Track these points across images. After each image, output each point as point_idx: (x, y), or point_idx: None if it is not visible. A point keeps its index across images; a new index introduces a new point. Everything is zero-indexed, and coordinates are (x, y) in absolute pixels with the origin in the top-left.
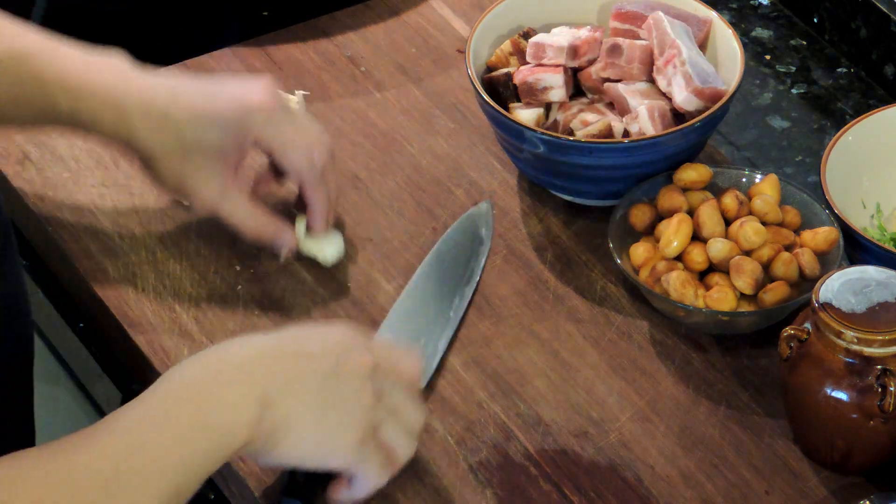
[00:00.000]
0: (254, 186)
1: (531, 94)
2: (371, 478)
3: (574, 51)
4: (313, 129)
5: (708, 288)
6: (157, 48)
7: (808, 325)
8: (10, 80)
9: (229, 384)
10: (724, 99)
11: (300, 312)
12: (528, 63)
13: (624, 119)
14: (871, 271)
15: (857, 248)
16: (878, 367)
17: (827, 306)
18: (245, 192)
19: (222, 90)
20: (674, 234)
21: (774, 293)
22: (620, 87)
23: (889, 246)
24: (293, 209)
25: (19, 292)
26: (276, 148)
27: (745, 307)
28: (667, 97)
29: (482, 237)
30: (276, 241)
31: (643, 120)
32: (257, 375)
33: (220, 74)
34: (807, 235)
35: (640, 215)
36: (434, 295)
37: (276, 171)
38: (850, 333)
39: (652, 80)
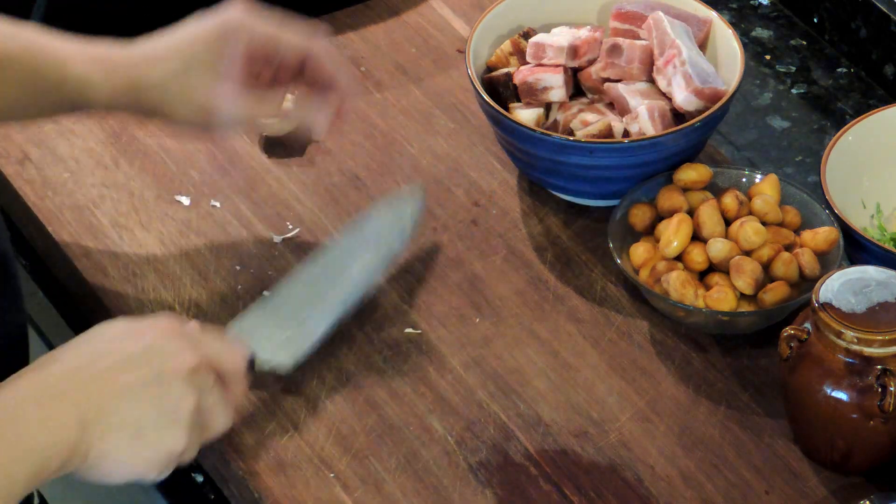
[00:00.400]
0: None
1: (531, 94)
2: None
3: (574, 51)
4: (301, 26)
5: (708, 288)
6: None
7: (808, 325)
8: (15, 72)
9: (47, 406)
10: (724, 99)
11: None
12: (528, 63)
13: (624, 119)
14: (871, 271)
15: (857, 248)
16: (878, 367)
17: (827, 306)
18: (251, 92)
19: (196, 19)
20: (674, 234)
21: (774, 293)
22: (620, 87)
23: (889, 246)
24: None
25: (15, 332)
26: (267, 40)
27: (745, 307)
28: (667, 97)
29: (404, 227)
30: (306, 119)
31: (643, 120)
32: (74, 395)
33: None
34: (807, 235)
35: (640, 215)
36: (332, 273)
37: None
38: (850, 333)
39: (652, 81)
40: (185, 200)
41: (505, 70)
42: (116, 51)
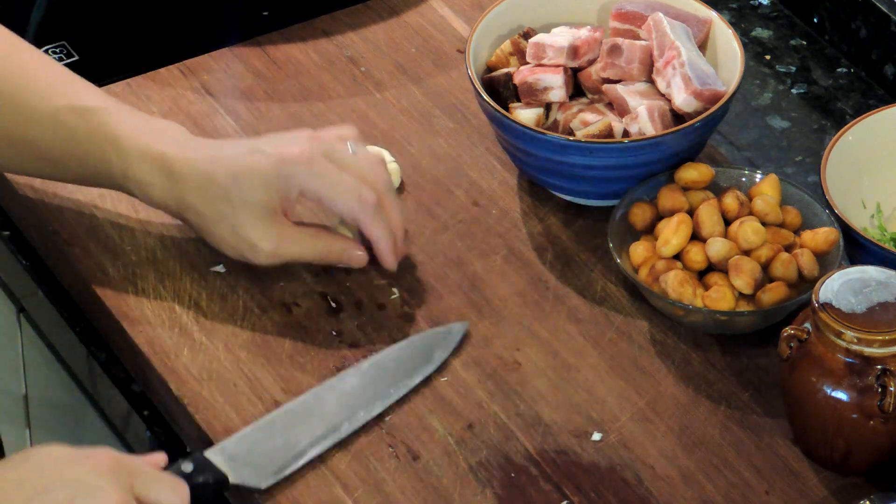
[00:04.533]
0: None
1: (531, 94)
2: None
3: (574, 51)
4: (361, 168)
5: (707, 287)
6: (157, 48)
7: (808, 325)
8: (67, 135)
9: None
10: (724, 99)
11: (300, 312)
12: (528, 63)
13: (624, 119)
14: (871, 271)
15: (857, 248)
16: (878, 367)
17: (827, 306)
18: (299, 228)
19: (262, 146)
20: (672, 233)
21: (773, 293)
22: (619, 88)
23: (889, 246)
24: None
25: None
26: (323, 197)
27: (744, 307)
28: (666, 98)
29: (432, 358)
30: (346, 258)
31: (643, 120)
32: None
33: (220, 74)
34: (807, 236)
35: (640, 214)
36: (342, 401)
37: None
38: (850, 333)
39: (652, 81)
40: (221, 269)
41: (505, 70)
42: (179, 155)
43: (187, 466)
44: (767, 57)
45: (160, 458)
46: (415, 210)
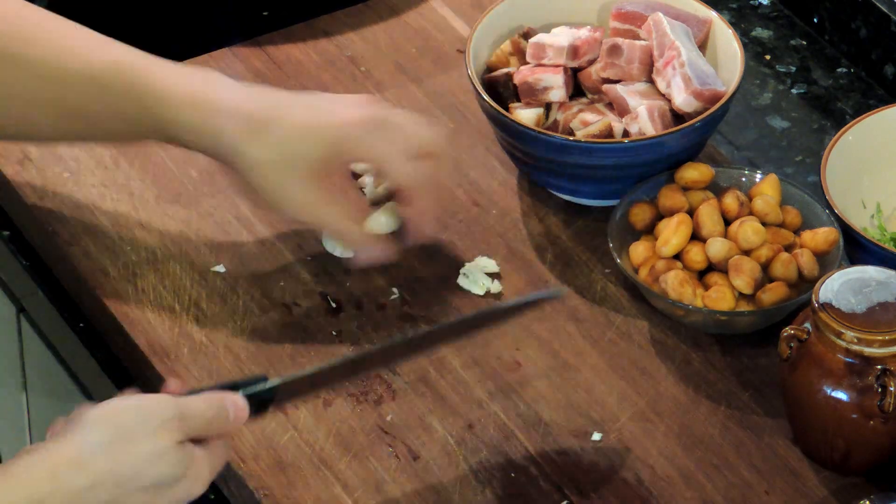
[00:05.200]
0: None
1: (531, 94)
2: None
3: (574, 51)
4: (417, 138)
5: (707, 287)
6: (157, 48)
7: (808, 325)
8: (105, 92)
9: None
10: (724, 99)
11: (300, 312)
12: (528, 63)
13: (624, 119)
14: (871, 271)
15: (857, 248)
16: (878, 367)
17: (827, 306)
18: (337, 199)
19: (323, 105)
20: (672, 233)
21: (773, 293)
22: (619, 88)
23: (889, 246)
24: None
25: None
26: (376, 162)
27: (744, 307)
28: (666, 98)
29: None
30: (360, 247)
31: (643, 120)
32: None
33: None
34: (807, 236)
35: (640, 214)
36: None
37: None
38: (850, 333)
39: (652, 81)
40: (220, 269)
41: (505, 70)
42: (227, 97)
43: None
44: (767, 57)
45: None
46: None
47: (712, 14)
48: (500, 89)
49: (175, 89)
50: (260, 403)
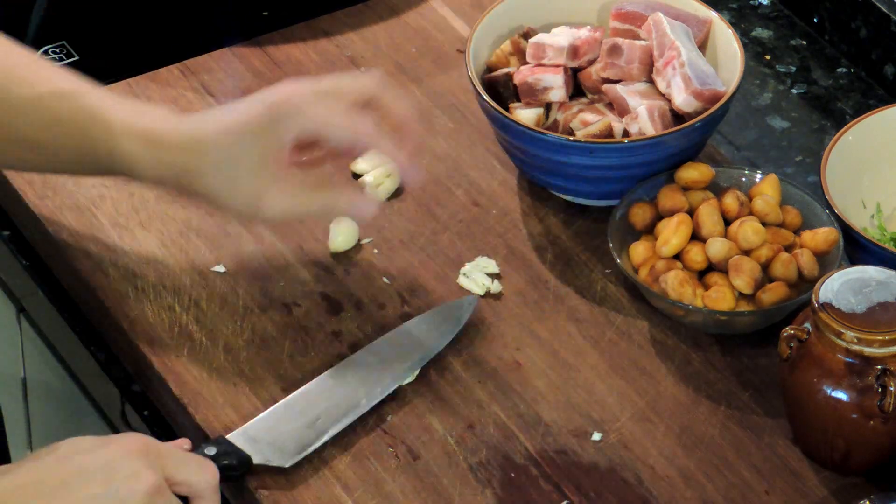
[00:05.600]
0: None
1: (531, 94)
2: None
3: (574, 51)
4: (350, 91)
5: (707, 287)
6: (157, 48)
7: (808, 325)
8: (52, 119)
9: None
10: (724, 99)
11: (300, 312)
12: (528, 63)
13: (624, 119)
14: (871, 271)
15: (857, 248)
16: (878, 367)
17: (827, 306)
18: (302, 178)
19: (250, 100)
20: (672, 233)
21: (773, 293)
22: (619, 88)
23: (889, 246)
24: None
25: None
26: (314, 133)
27: (744, 307)
28: (666, 98)
29: (445, 332)
30: (357, 210)
31: (643, 120)
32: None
33: (220, 74)
34: (807, 236)
35: (640, 214)
36: (360, 377)
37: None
38: (850, 333)
39: (652, 81)
40: (221, 269)
41: (505, 70)
42: (168, 126)
43: (210, 450)
44: (767, 57)
45: (185, 442)
46: (415, 210)
47: (712, 14)
48: (500, 89)
49: (119, 117)
50: (231, 455)
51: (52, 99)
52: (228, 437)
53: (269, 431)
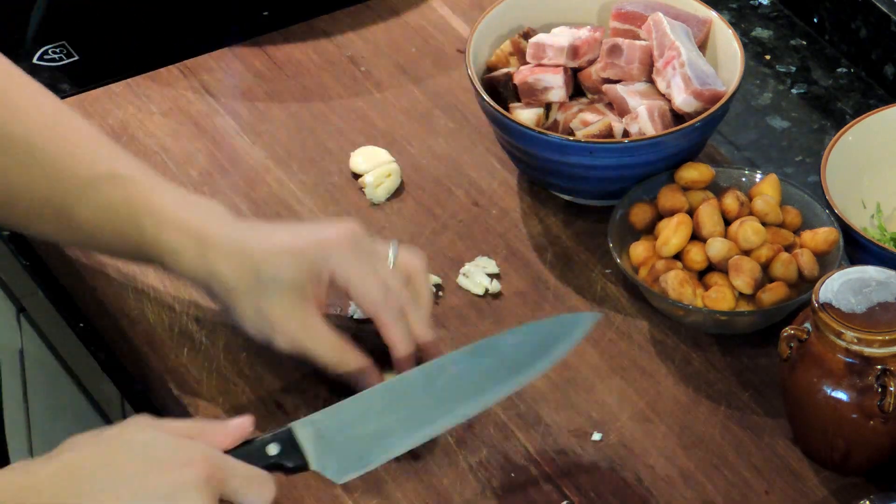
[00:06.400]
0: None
1: (531, 94)
2: None
3: (574, 51)
4: (397, 274)
5: (707, 287)
6: (157, 48)
7: (808, 325)
8: (104, 202)
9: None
10: (725, 99)
11: None
12: (528, 63)
13: (624, 119)
14: (871, 271)
15: (857, 248)
16: (878, 367)
17: (827, 306)
18: (326, 325)
19: (301, 227)
20: (672, 233)
21: (773, 293)
22: (619, 88)
23: (889, 246)
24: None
25: None
26: (350, 283)
27: (744, 307)
28: (666, 98)
29: (552, 351)
30: (358, 381)
31: (643, 120)
32: (63, 495)
33: (220, 74)
34: (806, 236)
35: (640, 214)
36: (438, 396)
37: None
38: (850, 333)
39: (652, 81)
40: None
41: (505, 70)
42: (217, 228)
43: (273, 449)
44: (767, 57)
45: (247, 424)
46: (415, 210)
47: (712, 14)
48: (500, 89)
49: (169, 209)
50: (287, 446)
51: (108, 183)
52: (294, 427)
53: (336, 433)
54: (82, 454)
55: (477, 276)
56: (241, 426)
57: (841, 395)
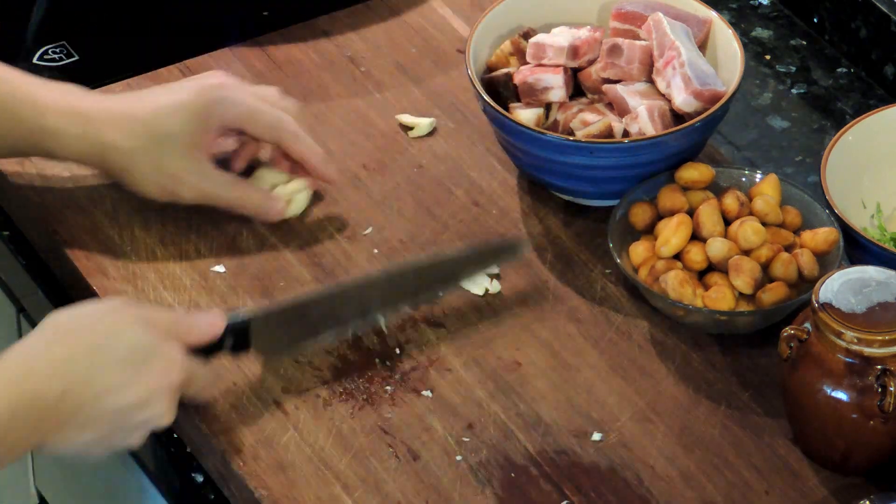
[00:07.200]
0: (232, 162)
1: (531, 94)
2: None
3: (574, 51)
4: (275, 95)
5: (707, 287)
6: (157, 48)
7: (808, 325)
8: (3, 116)
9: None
10: (725, 99)
11: None
12: (528, 63)
13: (624, 119)
14: (871, 271)
15: (857, 248)
16: (878, 367)
17: (827, 306)
18: (221, 171)
19: (177, 84)
20: (672, 233)
21: (773, 293)
22: (619, 88)
23: (889, 246)
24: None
25: None
26: (243, 117)
27: (744, 307)
28: (666, 98)
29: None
30: (264, 210)
31: (643, 120)
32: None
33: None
34: (806, 236)
35: (640, 214)
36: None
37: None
38: (850, 333)
39: (652, 81)
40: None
41: (505, 70)
42: (97, 104)
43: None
44: (767, 57)
45: (219, 321)
46: (415, 210)
47: (712, 14)
48: (500, 89)
49: (45, 97)
50: (238, 335)
51: None
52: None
53: (278, 324)
54: (73, 349)
55: (477, 275)
56: (213, 325)
57: (841, 395)
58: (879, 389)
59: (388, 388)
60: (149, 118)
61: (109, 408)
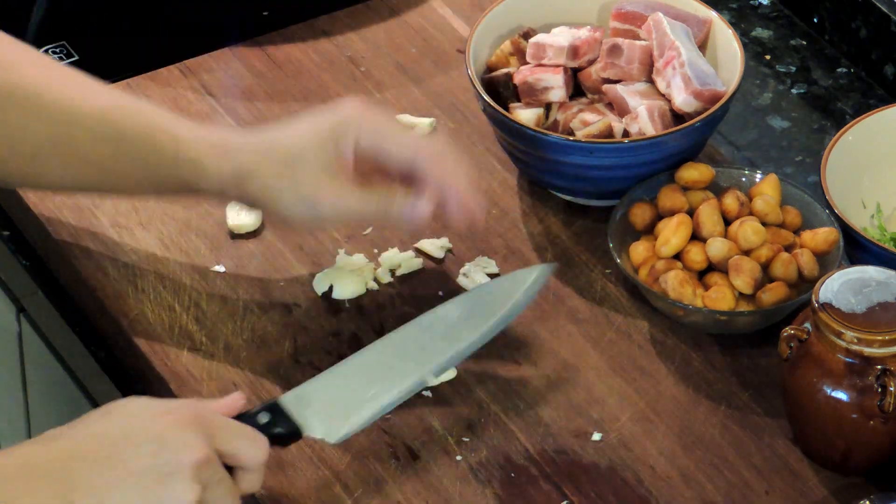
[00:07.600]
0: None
1: (531, 94)
2: None
3: (574, 51)
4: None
5: (707, 287)
6: (157, 48)
7: (808, 325)
8: (115, 130)
9: (35, 483)
10: (724, 99)
11: (300, 312)
12: (528, 63)
13: (624, 119)
14: (871, 271)
15: (857, 248)
16: (878, 367)
17: (827, 306)
18: (358, 184)
19: (313, 113)
20: (672, 233)
21: (773, 293)
22: (619, 88)
23: (889, 246)
24: None
25: None
26: (379, 142)
27: (744, 307)
28: (666, 98)
29: (516, 303)
30: (408, 219)
31: (643, 120)
32: (67, 477)
33: (220, 74)
34: (807, 236)
35: (640, 214)
36: (413, 355)
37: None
38: (850, 333)
39: (652, 81)
40: (220, 269)
41: (505, 70)
42: (231, 137)
43: (263, 417)
44: (767, 57)
45: (238, 399)
46: None
47: (712, 14)
48: (500, 89)
49: (186, 128)
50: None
51: (115, 112)
52: (281, 400)
53: (322, 397)
54: (79, 442)
55: (477, 276)
56: (234, 400)
57: (841, 395)
58: (879, 389)
59: None
60: (283, 143)
61: None
